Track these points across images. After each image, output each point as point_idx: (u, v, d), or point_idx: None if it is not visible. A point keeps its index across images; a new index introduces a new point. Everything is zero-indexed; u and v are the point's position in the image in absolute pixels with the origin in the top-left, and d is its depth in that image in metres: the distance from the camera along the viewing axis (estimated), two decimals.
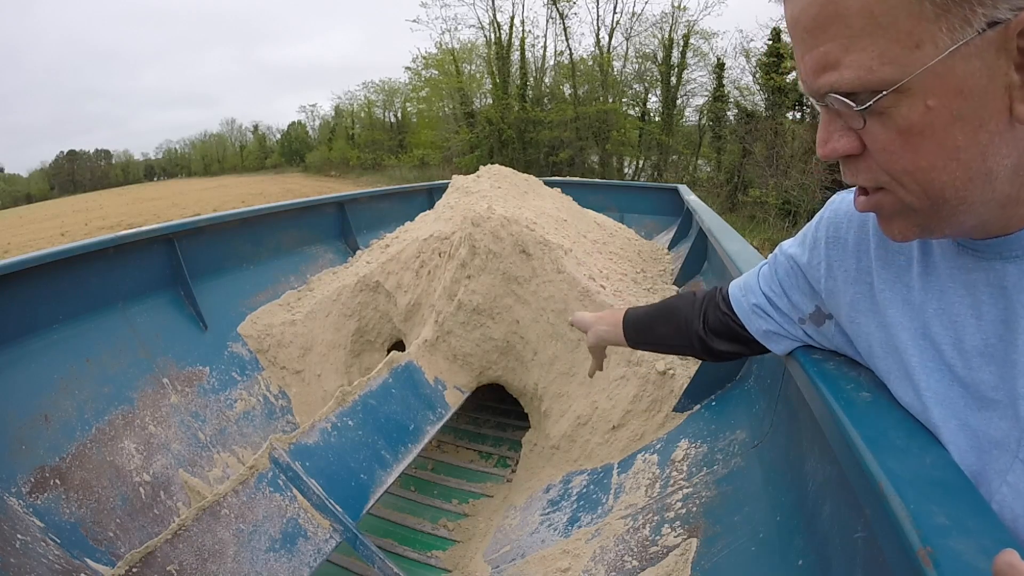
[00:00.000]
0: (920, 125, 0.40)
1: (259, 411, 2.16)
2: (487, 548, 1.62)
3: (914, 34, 0.37)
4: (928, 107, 0.39)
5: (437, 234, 2.36)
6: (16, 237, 15.49)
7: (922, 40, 0.37)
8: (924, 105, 0.39)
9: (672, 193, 4.06)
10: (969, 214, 0.43)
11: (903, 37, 0.38)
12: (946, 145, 0.40)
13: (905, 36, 0.37)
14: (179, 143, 63.21)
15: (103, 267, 1.94)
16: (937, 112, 0.39)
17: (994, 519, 0.42)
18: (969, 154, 0.40)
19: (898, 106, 0.40)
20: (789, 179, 10.74)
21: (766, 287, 0.74)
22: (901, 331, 0.55)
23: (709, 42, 15.43)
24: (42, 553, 1.23)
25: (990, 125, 0.38)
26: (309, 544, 1.35)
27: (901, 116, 0.40)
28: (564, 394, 1.89)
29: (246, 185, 29.40)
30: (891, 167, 0.43)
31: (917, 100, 0.39)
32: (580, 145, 16.51)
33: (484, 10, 24.26)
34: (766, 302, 0.74)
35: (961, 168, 0.40)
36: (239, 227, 2.64)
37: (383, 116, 30.07)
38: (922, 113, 0.39)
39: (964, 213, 0.43)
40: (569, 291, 1.93)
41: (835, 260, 0.62)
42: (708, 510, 1.12)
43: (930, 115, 0.39)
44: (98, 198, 32.75)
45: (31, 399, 1.54)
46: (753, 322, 0.76)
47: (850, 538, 0.62)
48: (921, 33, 0.37)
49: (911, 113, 0.39)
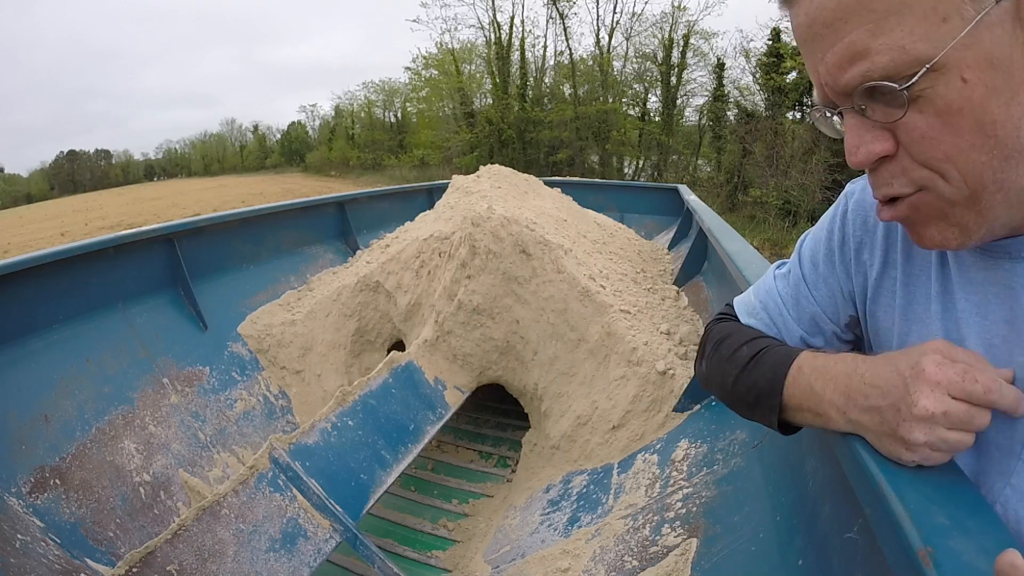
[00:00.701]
0: (959, 102, 0.39)
1: (259, 411, 2.16)
2: (487, 548, 1.62)
3: (939, 8, 0.37)
4: (964, 81, 0.38)
5: (437, 234, 2.36)
6: (16, 237, 15.48)
7: (948, 13, 0.37)
8: (960, 80, 0.38)
9: (672, 193, 4.06)
10: (1004, 205, 0.42)
11: (929, 12, 0.37)
12: (984, 121, 0.39)
13: (931, 11, 0.37)
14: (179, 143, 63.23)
15: (103, 267, 1.94)
16: (973, 86, 0.38)
17: (994, 519, 0.42)
18: (1005, 129, 0.39)
19: (935, 86, 0.39)
20: (789, 179, 10.74)
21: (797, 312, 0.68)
22: (915, 326, 0.55)
23: (709, 42, 15.43)
24: (42, 553, 1.23)
25: (1020, 96, 0.38)
26: (309, 544, 1.35)
27: (939, 96, 0.39)
28: (564, 394, 1.89)
29: (246, 185, 29.40)
30: (933, 154, 0.41)
31: (953, 76, 0.38)
32: (580, 145, 16.51)
33: (484, 10, 24.26)
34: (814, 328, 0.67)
35: (999, 146, 0.40)
36: (239, 227, 2.64)
37: (383, 116, 30.08)
38: (960, 89, 0.38)
39: (1000, 204, 0.42)
40: (569, 291, 1.93)
41: (864, 249, 0.60)
42: (708, 510, 1.12)
43: (967, 90, 0.38)
44: (98, 198, 32.74)
45: (31, 399, 1.54)
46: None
47: (850, 538, 0.62)
48: (946, 7, 0.37)
49: (949, 91, 0.39)
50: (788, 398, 0.56)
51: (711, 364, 0.71)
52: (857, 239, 0.61)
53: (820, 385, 0.52)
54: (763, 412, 0.60)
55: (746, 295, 0.76)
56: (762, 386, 0.59)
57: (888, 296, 0.58)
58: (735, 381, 0.64)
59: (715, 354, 0.70)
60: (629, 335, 1.77)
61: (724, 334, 0.71)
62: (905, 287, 0.56)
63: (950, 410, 0.42)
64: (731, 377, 0.65)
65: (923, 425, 0.43)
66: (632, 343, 1.74)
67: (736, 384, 0.64)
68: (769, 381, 0.58)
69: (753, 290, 0.75)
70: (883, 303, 0.59)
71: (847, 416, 0.50)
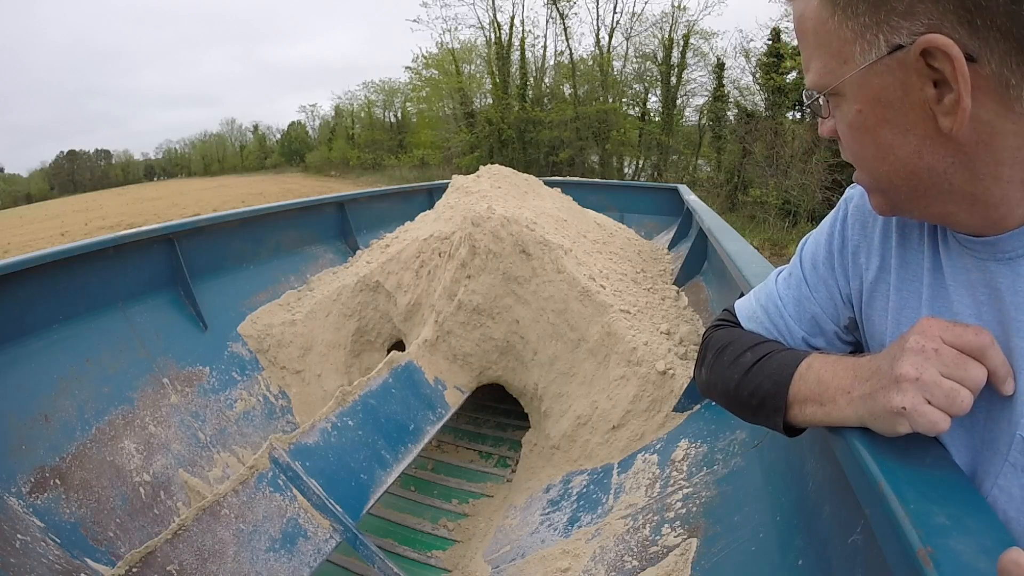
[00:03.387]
0: (856, 123, 0.49)
1: (259, 411, 2.16)
2: (487, 548, 1.62)
3: (842, 52, 0.47)
4: (857, 110, 0.48)
5: (437, 234, 2.36)
6: (16, 237, 15.48)
7: (847, 57, 0.46)
8: (855, 108, 0.48)
9: (672, 193, 4.06)
10: (930, 199, 0.48)
11: (835, 53, 0.47)
12: (879, 143, 0.48)
13: (836, 53, 0.47)
14: (179, 143, 63.19)
15: (103, 267, 1.94)
16: (865, 115, 0.47)
17: (994, 519, 0.42)
18: (903, 151, 0.46)
19: (840, 107, 0.50)
20: (789, 179, 10.74)
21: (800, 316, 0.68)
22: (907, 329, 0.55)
23: (709, 42, 15.40)
24: (42, 553, 1.23)
25: (916, 130, 0.45)
26: (309, 544, 1.35)
27: (843, 114, 0.50)
28: (564, 394, 1.89)
29: (246, 185, 29.38)
30: (847, 151, 0.53)
31: (850, 103, 0.48)
32: (580, 145, 16.49)
33: (484, 10, 24.25)
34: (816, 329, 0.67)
35: (899, 162, 0.47)
36: (239, 227, 2.64)
37: (383, 116, 30.06)
38: (855, 114, 0.48)
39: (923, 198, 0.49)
40: (569, 291, 1.93)
41: (861, 253, 0.62)
42: (708, 510, 1.12)
43: (860, 116, 0.48)
44: (98, 198, 32.72)
45: (31, 399, 1.54)
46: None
47: (850, 538, 0.62)
48: (847, 51, 0.46)
49: (848, 113, 0.49)
50: (794, 393, 0.57)
51: (712, 371, 0.71)
52: (855, 243, 0.62)
53: (830, 374, 0.54)
54: (767, 413, 0.60)
55: (747, 299, 0.76)
56: (767, 388, 0.60)
57: (882, 300, 0.59)
58: (738, 385, 0.64)
59: (717, 361, 0.70)
60: (629, 335, 1.77)
61: (726, 341, 0.71)
62: (898, 291, 0.57)
63: (942, 349, 0.44)
64: (734, 382, 0.65)
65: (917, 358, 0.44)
66: (632, 343, 1.74)
67: (739, 388, 0.64)
68: (774, 383, 0.59)
69: (754, 294, 0.75)
70: (877, 307, 0.60)
71: (852, 395, 0.50)
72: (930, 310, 0.53)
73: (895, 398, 0.45)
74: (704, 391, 0.75)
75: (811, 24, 0.49)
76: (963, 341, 0.44)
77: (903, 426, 0.45)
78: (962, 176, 0.45)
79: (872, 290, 0.60)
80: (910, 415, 0.44)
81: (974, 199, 0.46)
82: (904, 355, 0.45)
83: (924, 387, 0.44)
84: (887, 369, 0.47)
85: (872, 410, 0.48)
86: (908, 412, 0.44)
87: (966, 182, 0.45)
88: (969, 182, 0.45)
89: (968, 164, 0.44)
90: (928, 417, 0.43)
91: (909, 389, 0.44)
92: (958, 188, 0.46)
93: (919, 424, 0.44)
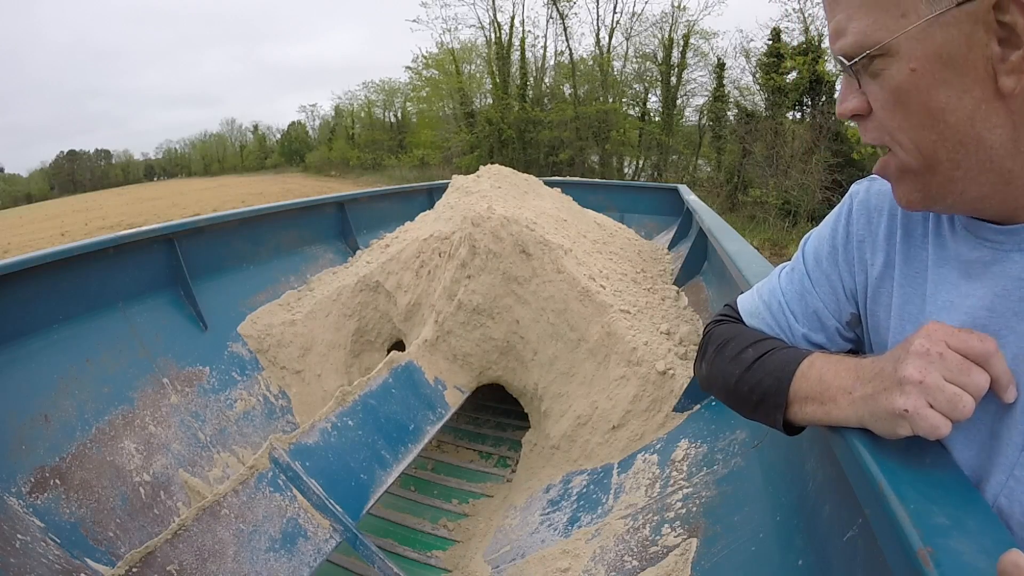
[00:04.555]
0: (906, 85, 0.45)
1: (259, 411, 2.16)
2: (487, 548, 1.62)
3: (901, 5, 0.43)
4: (912, 70, 0.44)
5: (437, 234, 2.36)
6: (16, 237, 15.47)
7: (907, 10, 0.43)
8: (908, 68, 0.44)
9: (672, 193, 4.06)
10: (968, 181, 0.46)
11: (892, 7, 0.44)
12: (931, 106, 0.44)
13: (893, 7, 0.44)
14: (179, 143, 63.19)
15: (103, 267, 1.94)
16: (920, 75, 0.44)
17: (994, 519, 0.42)
18: (956, 116, 0.44)
19: (888, 68, 0.45)
20: (789, 179, 10.73)
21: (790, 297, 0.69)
22: (910, 326, 0.55)
23: (709, 42, 15.40)
24: (42, 553, 1.23)
25: (974, 92, 0.42)
26: (309, 544, 1.35)
27: (891, 77, 0.46)
28: (564, 394, 1.89)
29: (246, 185, 29.37)
30: (888, 123, 0.48)
31: (903, 63, 0.44)
32: (580, 145, 16.48)
33: (484, 10, 24.22)
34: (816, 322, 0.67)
35: (949, 130, 0.44)
36: (239, 227, 2.64)
37: (383, 116, 30.05)
38: (907, 75, 0.44)
39: (962, 180, 0.46)
40: (569, 291, 1.93)
41: (867, 247, 0.62)
42: (708, 510, 1.12)
43: (914, 77, 0.44)
44: (98, 198, 32.71)
45: (31, 399, 1.54)
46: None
47: (850, 538, 0.62)
48: (906, 4, 0.43)
49: (898, 74, 0.45)
50: (795, 392, 0.56)
51: (713, 366, 0.71)
52: (860, 237, 0.62)
53: (832, 374, 0.53)
54: (767, 410, 0.60)
55: (749, 295, 0.75)
56: (768, 384, 0.59)
57: (886, 295, 0.59)
58: (739, 381, 0.64)
59: (718, 356, 0.70)
60: (629, 335, 1.77)
61: (727, 336, 0.71)
62: (902, 287, 0.57)
63: (946, 354, 0.43)
64: (734, 377, 0.65)
65: (921, 361, 0.44)
66: (632, 343, 1.74)
67: (740, 383, 0.64)
68: (776, 379, 0.59)
69: (756, 290, 0.74)
70: (882, 302, 0.60)
71: (853, 395, 0.50)
72: (933, 306, 0.53)
73: (898, 400, 0.45)
74: (705, 386, 0.75)
75: None
76: (968, 347, 0.43)
77: (904, 428, 0.45)
78: (1005, 149, 0.44)
79: (877, 285, 0.60)
80: (912, 418, 0.44)
81: (1010, 178, 0.45)
82: (908, 358, 0.45)
83: (927, 390, 0.43)
84: (890, 371, 0.46)
85: (873, 411, 0.47)
86: (910, 415, 0.44)
87: (1007, 156, 0.44)
88: (1010, 156, 0.44)
89: (1014, 135, 0.43)
90: (930, 421, 0.43)
91: (912, 392, 0.44)
92: (998, 165, 0.44)
93: (920, 427, 0.44)
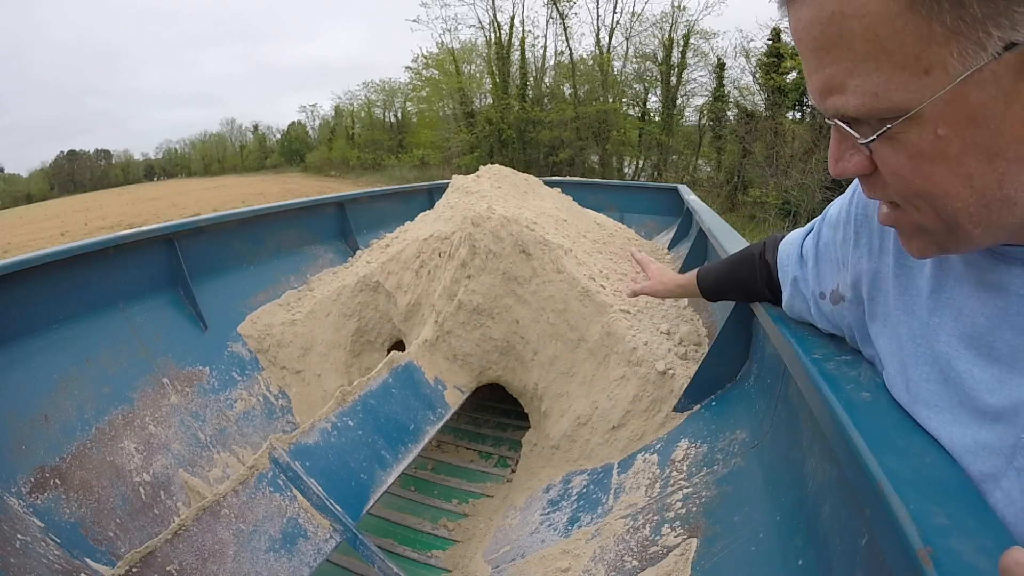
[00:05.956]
0: (931, 152, 0.37)
1: (259, 411, 2.16)
2: (487, 548, 1.62)
3: (923, 59, 0.34)
4: (939, 136, 0.36)
5: (437, 234, 2.36)
6: (16, 237, 15.48)
7: (931, 65, 0.34)
8: (935, 133, 0.36)
9: (672, 193, 4.06)
10: (987, 236, 0.41)
11: (911, 62, 0.35)
12: (958, 173, 0.37)
13: (913, 61, 0.35)
14: (179, 143, 63.22)
15: (103, 267, 1.94)
16: (949, 140, 0.36)
17: (994, 519, 0.42)
18: (984, 182, 0.37)
19: (908, 132, 0.37)
20: (789, 179, 10.74)
21: (806, 249, 0.80)
22: (903, 321, 0.55)
23: (709, 42, 15.42)
24: (42, 553, 1.23)
25: (1008, 153, 0.36)
26: (309, 544, 1.35)
27: (911, 142, 0.38)
28: (564, 394, 1.89)
29: (246, 185, 29.39)
30: (904, 189, 0.41)
31: (927, 128, 0.36)
32: (580, 145, 16.49)
33: (484, 10, 24.28)
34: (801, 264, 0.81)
35: (975, 195, 0.38)
36: (239, 227, 2.64)
37: (383, 116, 30.07)
38: (932, 141, 0.37)
39: (981, 236, 0.41)
40: (569, 291, 1.93)
41: (862, 234, 0.62)
42: (708, 510, 1.12)
43: (941, 143, 0.36)
44: (98, 198, 32.73)
45: (31, 399, 1.54)
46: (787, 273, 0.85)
47: (850, 538, 0.62)
48: (930, 58, 0.34)
49: (921, 140, 0.37)
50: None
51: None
52: (858, 221, 0.65)
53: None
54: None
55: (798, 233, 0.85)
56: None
57: (879, 282, 0.61)
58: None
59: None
60: (629, 335, 1.77)
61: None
62: (896, 277, 0.58)
63: None
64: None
65: None
66: (632, 343, 1.74)
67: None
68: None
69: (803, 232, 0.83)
70: (882, 287, 0.61)
71: None
72: (928, 303, 0.53)
73: None
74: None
75: (860, 25, 0.35)
76: None
77: None
78: None
79: (873, 273, 0.62)
80: None
81: None
82: None
83: None
84: None
85: None
86: None
87: None
88: None
89: None
90: None
91: None
92: (1020, 215, 0.39)
93: None
